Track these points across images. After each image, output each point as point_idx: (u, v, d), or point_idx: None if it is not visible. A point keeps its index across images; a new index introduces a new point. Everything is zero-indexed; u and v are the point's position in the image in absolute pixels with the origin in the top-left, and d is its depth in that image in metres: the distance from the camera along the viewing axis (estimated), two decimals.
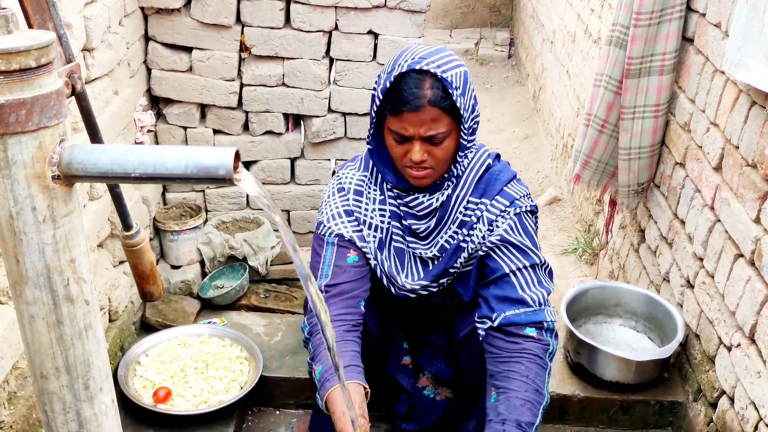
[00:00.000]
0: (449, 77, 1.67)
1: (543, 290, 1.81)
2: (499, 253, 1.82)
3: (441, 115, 1.68)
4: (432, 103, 1.66)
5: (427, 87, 1.66)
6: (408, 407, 2.16)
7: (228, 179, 0.91)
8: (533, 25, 6.03)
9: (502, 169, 1.89)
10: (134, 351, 2.36)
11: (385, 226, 1.90)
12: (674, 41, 2.37)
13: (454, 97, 1.67)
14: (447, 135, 1.71)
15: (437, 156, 1.73)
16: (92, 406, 1.03)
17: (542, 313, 1.77)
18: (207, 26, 2.63)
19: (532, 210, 1.88)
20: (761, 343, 1.86)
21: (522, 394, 1.69)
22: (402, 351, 2.15)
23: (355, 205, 1.90)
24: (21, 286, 0.94)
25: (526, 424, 1.65)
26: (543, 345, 1.75)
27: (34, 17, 1.20)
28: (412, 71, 1.67)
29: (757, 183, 1.90)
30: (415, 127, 1.68)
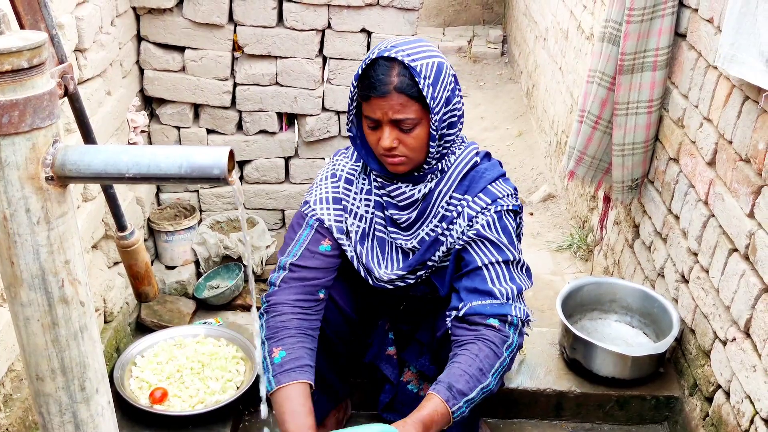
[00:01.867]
0: (418, 66, 1.70)
1: (513, 286, 1.83)
2: (474, 247, 1.84)
3: (408, 101, 1.71)
4: (398, 89, 1.70)
5: (395, 74, 1.70)
6: (391, 398, 2.17)
7: (222, 179, 0.91)
8: (526, 22, 6.04)
9: (488, 168, 1.91)
10: (130, 352, 2.35)
11: (368, 216, 1.93)
12: (667, 37, 2.37)
13: (421, 85, 1.70)
14: (416, 123, 1.74)
15: (408, 143, 1.76)
16: (88, 407, 1.03)
17: (508, 307, 1.79)
18: (199, 26, 2.63)
19: (514, 210, 1.90)
20: (756, 337, 1.87)
21: (465, 366, 1.71)
22: (387, 341, 2.16)
23: (344, 193, 1.94)
24: (16, 288, 0.94)
25: (457, 390, 1.67)
26: (502, 335, 1.77)
27: (25, 18, 1.20)
28: (380, 58, 1.72)
29: (750, 177, 1.90)
30: (383, 112, 1.72)
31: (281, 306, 1.85)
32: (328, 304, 1.96)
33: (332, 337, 2.01)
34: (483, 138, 5.20)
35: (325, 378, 2.08)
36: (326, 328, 1.97)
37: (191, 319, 2.66)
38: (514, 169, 4.77)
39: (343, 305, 1.99)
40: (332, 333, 2.00)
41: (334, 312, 1.98)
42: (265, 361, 1.81)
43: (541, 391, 2.34)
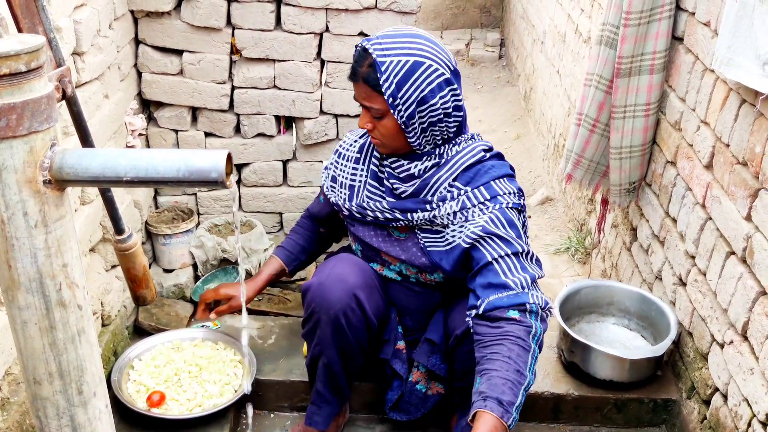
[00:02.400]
0: (386, 62, 1.81)
1: (527, 275, 1.85)
2: (483, 243, 1.89)
3: (371, 92, 1.85)
4: (364, 80, 1.85)
5: (365, 65, 1.84)
6: (398, 396, 2.17)
7: (220, 182, 0.91)
8: (524, 25, 6.05)
9: (496, 165, 1.98)
10: (127, 355, 2.35)
11: (357, 184, 2.10)
12: (664, 40, 2.38)
13: (381, 81, 1.81)
14: (383, 113, 1.87)
15: (380, 130, 1.91)
16: (86, 411, 1.03)
17: (525, 296, 1.81)
18: (197, 29, 2.63)
19: (515, 207, 1.94)
20: (753, 339, 1.87)
21: (503, 373, 1.71)
22: (397, 335, 2.17)
23: (334, 167, 2.17)
24: (13, 292, 0.94)
25: (507, 402, 1.67)
26: (525, 327, 1.78)
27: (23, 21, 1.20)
28: (361, 47, 1.87)
29: (747, 181, 1.91)
30: (357, 96, 1.91)
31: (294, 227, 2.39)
32: (354, 307, 1.98)
33: (353, 342, 2.02)
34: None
35: (338, 382, 2.10)
36: (349, 332, 1.99)
37: (189, 322, 2.66)
38: None
39: (368, 309, 2.01)
40: (354, 338, 2.01)
41: (359, 316, 1.99)
42: None
43: (539, 393, 2.33)
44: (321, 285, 1.98)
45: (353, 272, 2.01)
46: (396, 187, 2.00)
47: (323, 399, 2.13)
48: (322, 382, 2.10)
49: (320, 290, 1.98)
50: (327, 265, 2.06)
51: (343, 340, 2.00)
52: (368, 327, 2.03)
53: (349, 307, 1.96)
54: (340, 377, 2.09)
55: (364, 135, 2.13)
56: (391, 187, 2.02)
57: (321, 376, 2.09)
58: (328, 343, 2.01)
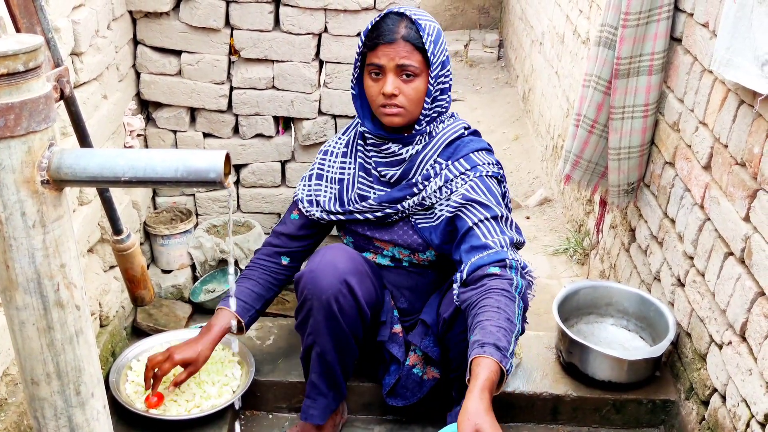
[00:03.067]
0: (423, 23, 1.96)
1: (505, 237, 1.95)
2: (465, 210, 1.99)
3: (413, 50, 1.94)
4: (404, 38, 1.94)
5: (403, 26, 1.95)
6: (395, 380, 2.18)
7: (218, 182, 0.91)
8: (522, 26, 6.05)
9: (473, 140, 2.11)
10: (126, 356, 2.35)
11: (346, 177, 2.17)
12: (662, 41, 2.38)
13: (424, 39, 1.94)
14: (417, 73, 1.96)
15: (407, 94, 1.96)
16: (84, 411, 1.03)
17: (504, 253, 1.89)
18: (196, 29, 2.63)
19: (494, 176, 2.06)
20: (752, 340, 1.87)
21: (496, 321, 1.74)
22: (393, 319, 2.19)
23: (320, 165, 2.22)
24: (11, 292, 0.94)
25: (503, 348, 1.70)
26: (507, 279, 1.84)
27: (22, 21, 1.20)
28: (391, 13, 1.98)
29: (746, 181, 1.91)
30: (389, 57, 1.94)
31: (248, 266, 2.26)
32: (345, 293, 2.00)
33: (346, 329, 2.03)
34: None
35: (333, 373, 2.10)
36: (341, 317, 2.00)
37: (187, 323, 2.66)
38: (510, 173, 4.78)
39: (360, 296, 2.02)
40: (346, 324, 2.02)
41: (351, 302, 2.00)
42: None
43: (538, 394, 2.33)
44: (312, 272, 2.00)
45: (343, 259, 2.03)
46: (384, 173, 2.09)
47: (318, 391, 2.12)
48: (317, 372, 2.10)
49: (311, 277, 2.00)
50: (318, 254, 2.08)
51: (336, 327, 2.01)
52: (360, 313, 2.04)
53: (341, 292, 1.98)
54: (335, 367, 2.08)
55: (347, 131, 2.24)
56: (378, 174, 2.11)
57: (315, 366, 2.09)
58: (321, 331, 2.02)
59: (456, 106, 6.00)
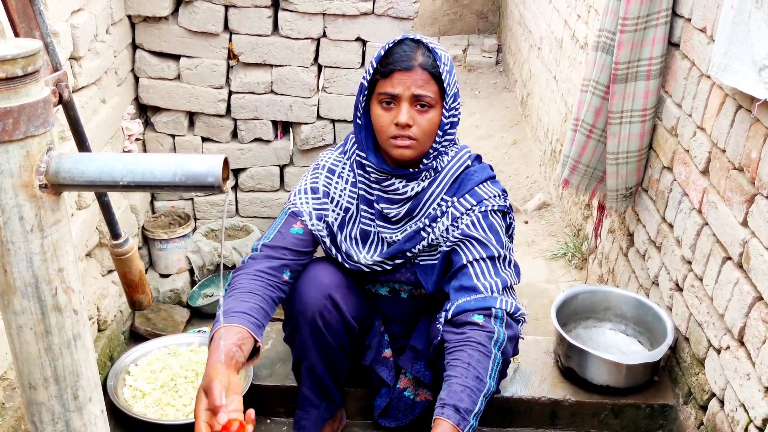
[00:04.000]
0: (440, 53, 1.87)
1: (498, 279, 1.87)
2: (462, 246, 1.91)
3: (430, 79, 1.84)
4: (422, 66, 1.83)
5: (420, 53, 1.85)
6: (387, 402, 2.17)
7: (217, 187, 0.91)
8: (520, 31, 6.06)
9: (478, 170, 2.00)
10: (123, 361, 2.35)
11: (352, 208, 2.02)
12: (660, 46, 2.38)
13: (441, 68, 1.84)
14: (432, 104, 1.85)
15: (421, 125, 1.86)
16: (81, 416, 1.02)
17: (492, 300, 1.82)
18: (195, 34, 2.63)
19: (501, 209, 1.96)
20: (750, 345, 1.87)
21: (462, 380, 1.72)
22: (383, 343, 2.17)
23: (325, 183, 2.02)
24: (9, 296, 0.94)
25: (464, 410, 1.68)
26: (487, 332, 1.78)
27: (20, 25, 1.20)
28: (407, 39, 1.88)
29: (743, 186, 1.91)
30: (405, 86, 1.83)
31: (241, 276, 1.85)
32: (330, 308, 1.97)
33: (333, 343, 2.02)
34: (478, 146, 5.21)
35: (324, 385, 2.09)
36: (327, 332, 1.99)
37: (185, 327, 2.66)
38: (508, 177, 4.78)
39: (345, 310, 2.00)
40: (333, 339, 2.01)
41: (336, 317, 1.99)
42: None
43: (536, 399, 2.33)
44: (297, 288, 1.98)
45: (328, 274, 2.00)
46: (387, 212, 1.98)
47: (310, 403, 2.12)
48: (307, 386, 2.10)
49: (297, 294, 1.98)
50: (304, 271, 2.03)
51: (323, 342, 2.00)
52: (347, 327, 2.02)
53: (325, 308, 1.96)
54: (325, 379, 2.08)
55: (349, 155, 2.04)
56: (380, 210, 1.99)
57: (305, 380, 2.09)
58: (308, 346, 2.01)
59: None
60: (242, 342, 1.64)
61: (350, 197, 2.02)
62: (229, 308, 1.72)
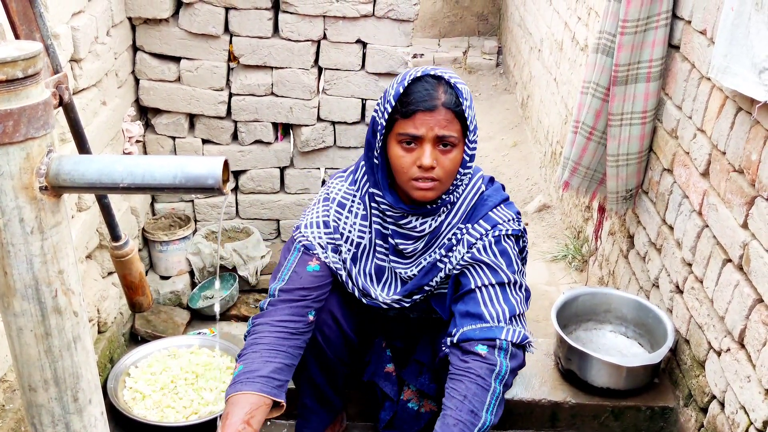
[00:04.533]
0: (461, 88, 1.73)
1: (506, 307, 1.81)
2: (471, 270, 1.84)
3: (453, 118, 1.71)
4: (446, 105, 1.70)
5: (442, 91, 1.71)
6: (391, 415, 2.16)
7: (217, 189, 0.91)
8: (521, 33, 6.06)
9: (491, 194, 1.91)
10: (124, 362, 2.35)
11: (364, 242, 1.92)
12: (660, 48, 2.38)
13: (464, 106, 1.72)
14: (456, 143, 1.73)
15: (445, 166, 1.74)
16: (81, 418, 1.02)
17: (498, 330, 1.77)
18: (195, 36, 2.63)
19: (515, 234, 1.89)
20: (750, 347, 1.87)
21: (456, 413, 1.69)
22: (385, 358, 2.16)
23: (335, 217, 1.92)
24: (9, 298, 0.94)
25: None
26: (489, 365, 1.74)
27: (21, 28, 1.20)
28: (427, 76, 1.73)
29: (744, 188, 1.91)
30: (429, 127, 1.70)
31: (262, 326, 1.80)
32: (330, 324, 1.96)
33: (332, 357, 2.01)
34: (478, 148, 5.21)
35: (324, 393, 2.09)
36: (327, 347, 1.98)
37: (185, 329, 2.66)
38: (509, 179, 4.78)
39: (344, 326, 1.99)
40: (332, 353, 2.00)
41: (336, 332, 1.98)
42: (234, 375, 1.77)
43: (537, 401, 2.33)
44: None
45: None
46: (402, 248, 1.89)
47: (310, 411, 2.11)
48: (307, 395, 2.09)
49: None
50: None
51: (322, 356, 1.99)
52: (346, 342, 2.01)
53: (325, 323, 1.95)
54: (325, 389, 2.07)
55: (359, 186, 1.93)
56: (394, 245, 1.90)
57: (305, 389, 2.08)
58: (308, 360, 2.00)
59: None
60: (252, 415, 1.64)
61: (361, 231, 1.92)
62: (247, 369, 1.71)
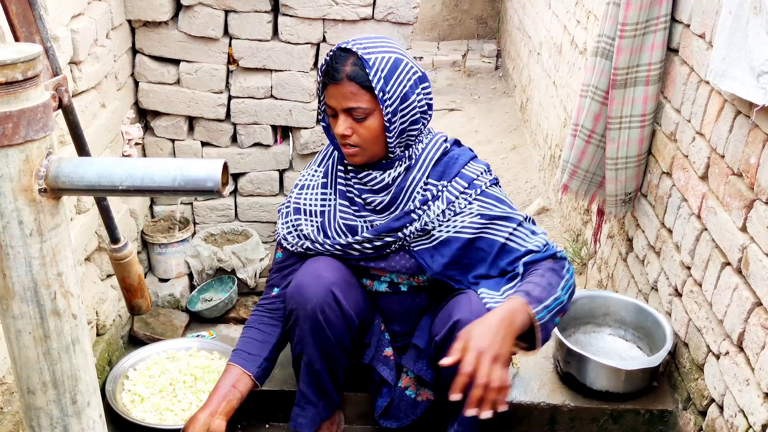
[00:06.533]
0: (372, 59, 1.83)
1: (539, 237, 1.97)
2: (489, 230, 1.96)
3: (359, 90, 1.83)
4: (349, 77, 1.82)
5: (349, 63, 1.83)
6: (388, 402, 2.17)
7: (216, 191, 0.91)
8: (520, 36, 6.07)
9: (461, 153, 2.05)
10: (122, 365, 2.34)
11: (327, 208, 2.06)
12: (659, 52, 2.39)
13: (371, 75, 1.81)
14: (368, 113, 1.85)
15: (361, 134, 1.87)
16: (80, 421, 1.02)
17: (551, 249, 1.95)
18: (194, 39, 2.63)
19: (493, 182, 2.04)
20: (749, 350, 1.87)
21: (535, 281, 1.85)
22: (383, 341, 2.17)
23: (296, 200, 2.10)
24: (8, 301, 0.94)
25: (534, 296, 1.78)
26: (558, 264, 1.92)
27: (20, 30, 1.20)
28: (338, 49, 1.86)
29: (742, 191, 1.91)
30: (336, 100, 1.85)
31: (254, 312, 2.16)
32: (331, 303, 1.98)
33: (333, 340, 2.01)
34: (477, 151, 5.17)
35: (322, 383, 2.08)
36: (328, 328, 1.98)
37: (184, 332, 2.65)
38: (508, 182, 4.79)
39: (346, 307, 2.01)
40: (334, 335, 2.00)
41: (336, 312, 1.99)
42: None
43: (535, 404, 2.33)
44: (298, 283, 1.99)
45: (329, 269, 2.00)
46: (370, 201, 2.00)
47: (307, 400, 2.11)
48: (305, 381, 2.09)
49: (297, 288, 1.98)
50: (303, 266, 2.04)
51: (323, 337, 1.99)
52: (347, 324, 2.02)
53: (326, 302, 1.96)
54: (323, 376, 2.07)
55: (323, 161, 2.12)
56: (363, 202, 2.02)
57: (303, 375, 2.08)
58: (307, 341, 2.00)
59: (454, 115, 6.01)
60: (236, 381, 2.01)
61: (322, 200, 2.07)
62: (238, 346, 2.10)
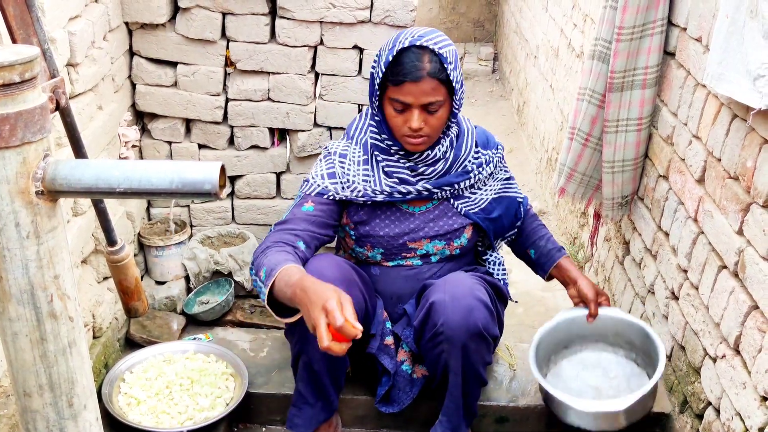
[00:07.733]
0: (445, 53, 1.95)
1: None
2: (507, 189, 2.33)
3: (439, 85, 1.95)
4: (431, 74, 1.93)
5: (426, 60, 1.93)
6: (388, 388, 2.18)
7: (213, 194, 0.91)
8: (517, 39, 6.08)
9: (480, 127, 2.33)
10: (119, 368, 2.34)
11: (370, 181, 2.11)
12: (656, 55, 2.39)
13: (449, 70, 1.95)
14: (442, 104, 1.99)
15: (432, 124, 2.00)
16: (76, 424, 1.02)
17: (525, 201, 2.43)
18: (192, 41, 2.63)
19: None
20: (746, 354, 1.87)
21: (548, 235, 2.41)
22: (385, 331, 2.18)
23: (339, 165, 2.14)
24: (4, 303, 0.94)
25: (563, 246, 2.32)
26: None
27: (18, 32, 1.20)
28: (413, 47, 1.94)
29: (739, 195, 1.91)
30: (415, 96, 1.95)
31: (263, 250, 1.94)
32: None
33: None
34: None
35: (322, 384, 2.09)
36: None
37: (181, 334, 2.65)
38: None
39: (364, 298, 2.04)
40: None
41: None
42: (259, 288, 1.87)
43: (532, 407, 2.33)
44: None
45: (329, 267, 2.00)
46: (428, 172, 2.12)
47: (304, 400, 2.11)
48: (304, 381, 2.09)
49: None
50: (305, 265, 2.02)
51: None
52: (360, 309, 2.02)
53: None
54: (323, 377, 2.07)
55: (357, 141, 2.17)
56: (418, 173, 2.12)
57: (302, 375, 2.08)
58: (307, 340, 2.00)
59: None
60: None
61: (365, 174, 2.12)
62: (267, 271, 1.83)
